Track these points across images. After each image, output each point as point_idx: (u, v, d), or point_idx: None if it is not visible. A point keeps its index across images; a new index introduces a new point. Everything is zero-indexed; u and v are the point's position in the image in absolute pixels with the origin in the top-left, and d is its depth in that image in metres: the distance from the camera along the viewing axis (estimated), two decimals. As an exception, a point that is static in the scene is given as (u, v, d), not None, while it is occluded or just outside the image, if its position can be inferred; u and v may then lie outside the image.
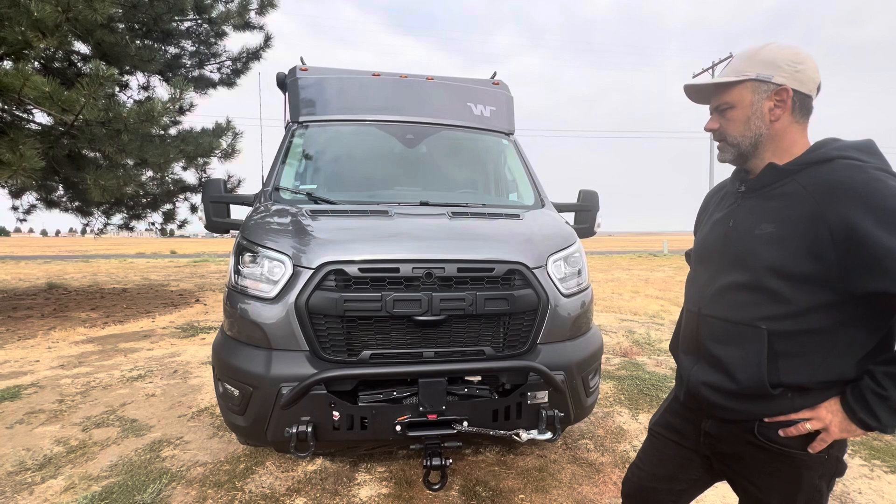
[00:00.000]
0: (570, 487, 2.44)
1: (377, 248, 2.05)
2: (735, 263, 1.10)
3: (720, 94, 1.12)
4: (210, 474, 2.57)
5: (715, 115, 1.15)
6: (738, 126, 1.09)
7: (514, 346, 2.10)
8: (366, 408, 1.92)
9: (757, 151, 1.11)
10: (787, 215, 1.02)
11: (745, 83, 1.07)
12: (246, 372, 1.97)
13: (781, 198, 1.05)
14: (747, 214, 1.10)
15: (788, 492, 1.07)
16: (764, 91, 1.05)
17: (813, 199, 0.98)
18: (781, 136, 1.08)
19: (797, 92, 1.04)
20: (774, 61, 1.04)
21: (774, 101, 1.06)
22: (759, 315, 1.05)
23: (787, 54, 1.05)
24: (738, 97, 1.08)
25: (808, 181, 1.01)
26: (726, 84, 1.09)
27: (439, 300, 1.94)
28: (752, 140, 1.09)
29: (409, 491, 2.39)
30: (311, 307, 1.93)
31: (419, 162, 3.34)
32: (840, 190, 0.95)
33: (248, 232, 2.25)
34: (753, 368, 1.04)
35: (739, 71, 1.08)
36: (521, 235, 2.35)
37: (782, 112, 1.06)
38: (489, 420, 2.00)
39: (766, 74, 1.04)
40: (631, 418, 3.34)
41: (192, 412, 3.44)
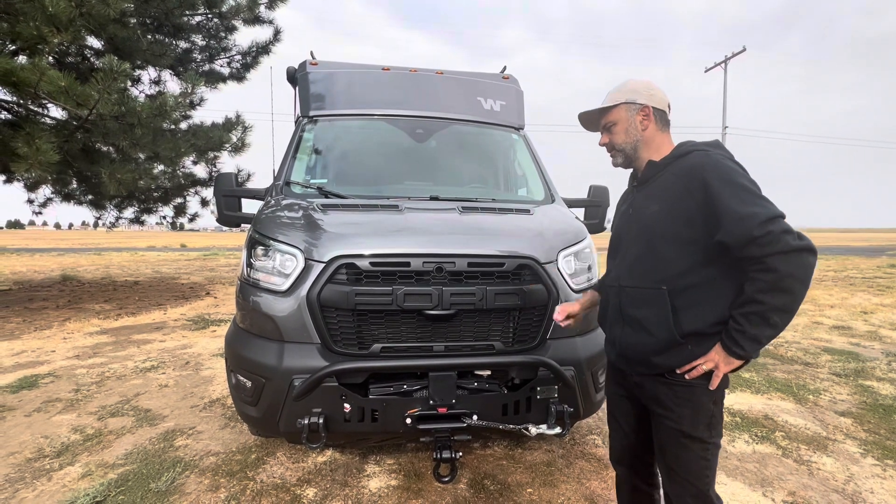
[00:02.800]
0: (578, 482, 2.45)
1: (388, 242, 2.06)
2: (637, 239, 1.47)
3: (605, 116, 1.54)
4: (223, 464, 2.61)
5: (604, 132, 1.57)
6: (621, 136, 1.51)
7: (524, 341, 2.10)
8: (376, 400, 1.94)
9: (637, 153, 1.51)
10: (666, 196, 1.39)
11: (620, 106, 1.50)
12: (258, 363, 1.99)
13: (661, 184, 1.43)
14: (641, 201, 1.49)
15: (693, 416, 1.38)
16: (633, 110, 1.49)
17: (681, 181, 1.36)
18: (651, 140, 1.50)
19: (655, 108, 1.48)
20: (635, 90, 1.49)
21: (642, 115, 1.49)
22: (658, 278, 1.38)
23: (643, 84, 1.50)
24: (616, 116, 1.51)
25: (677, 169, 1.40)
26: (608, 108, 1.52)
27: (450, 294, 1.95)
28: (633, 144, 1.51)
29: (418, 483, 2.42)
30: (323, 300, 1.95)
31: (429, 156, 3.34)
32: (697, 169, 1.33)
33: (261, 225, 2.27)
34: (664, 323, 1.36)
35: (614, 99, 1.52)
36: (531, 230, 2.35)
37: (648, 122, 1.49)
38: (499, 414, 2.00)
39: (632, 98, 1.49)
40: None
41: (204, 403, 3.49)
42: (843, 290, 9.68)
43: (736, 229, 1.22)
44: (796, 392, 3.79)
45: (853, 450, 2.84)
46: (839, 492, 2.40)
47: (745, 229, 1.20)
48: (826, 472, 2.58)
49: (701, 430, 1.37)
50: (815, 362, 4.67)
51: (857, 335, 5.83)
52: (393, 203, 2.47)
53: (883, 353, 5.01)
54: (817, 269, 14.33)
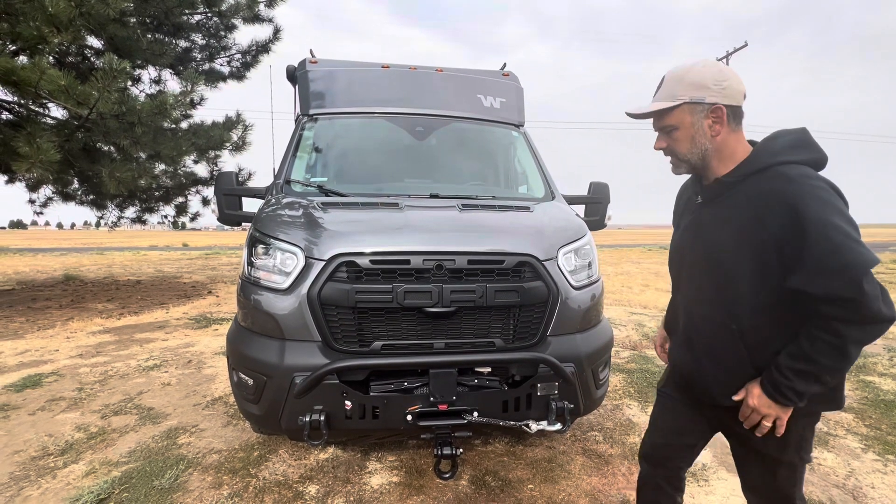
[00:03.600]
0: (579, 478, 2.46)
1: (388, 240, 2.06)
2: (705, 264, 1.27)
3: (662, 117, 1.25)
4: (225, 461, 2.62)
5: (662, 135, 1.28)
6: (685, 144, 1.23)
7: (525, 338, 2.10)
8: (377, 397, 1.95)
9: (706, 163, 1.25)
10: (738, 222, 1.18)
11: (682, 106, 1.20)
12: (260, 361, 2.00)
13: (732, 207, 1.20)
14: (708, 221, 1.27)
15: (781, 440, 1.24)
16: (700, 111, 1.19)
17: (757, 207, 1.14)
18: (723, 146, 1.22)
19: (728, 106, 1.18)
20: (703, 83, 1.18)
21: (712, 118, 1.20)
22: (728, 312, 1.22)
23: (712, 74, 1.18)
24: (678, 119, 1.22)
25: (751, 190, 1.17)
26: (667, 110, 1.22)
27: (450, 292, 1.95)
28: (700, 154, 1.24)
29: (419, 479, 2.43)
30: (324, 298, 1.95)
31: (429, 154, 3.34)
32: (780, 195, 1.10)
33: (261, 224, 2.27)
34: (732, 361, 1.24)
35: (674, 95, 1.21)
36: (531, 228, 2.35)
37: (721, 127, 1.20)
38: (499, 411, 2.01)
39: (699, 97, 1.18)
40: (640, 411, 3.34)
41: (206, 401, 3.51)
42: (845, 286, 9.62)
43: (819, 283, 1.04)
44: (797, 388, 3.78)
45: (854, 445, 2.84)
46: (840, 487, 2.40)
47: (830, 287, 1.03)
48: (827, 468, 2.59)
49: (790, 453, 1.25)
50: (817, 358, 4.65)
51: (859, 331, 5.81)
52: (393, 201, 2.47)
53: (885, 349, 5.00)
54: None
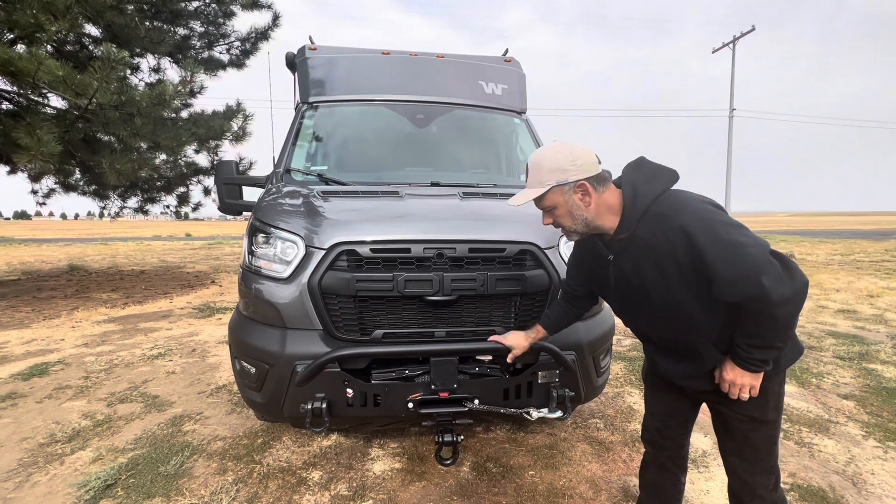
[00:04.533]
0: (579, 465, 2.48)
1: (388, 228, 2.05)
2: (651, 307, 1.39)
3: (539, 201, 1.41)
4: (229, 448, 2.66)
5: (545, 214, 1.46)
6: (567, 219, 1.40)
7: (526, 327, 2.08)
8: (379, 385, 1.95)
9: (592, 227, 1.40)
10: (655, 263, 1.30)
11: (552, 190, 1.36)
12: (262, 350, 2.01)
13: (640, 255, 1.33)
14: (629, 273, 1.38)
15: (762, 401, 1.38)
16: (568, 190, 1.35)
17: (658, 248, 1.28)
18: (600, 208, 1.37)
19: (589, 178, 1.34)
20: (560, 166, 1.34)
21: (579, 193, 1.36)
22: (693, 336, 1.36)
23: (565, 157, 1.34)
24: (553, 201, 1.38)
25: (646, 235, 1.30)
26: (540, 196, 1.39)
27: (450, 280, 1.95)
28: (583, 223, 1.39)
29: (421, 466, 2.45)
30: (324, 287, 1.95)
31: (430, 142, 3.31)
32: (668, 235, 1.25)
33: (261, 213, 2.27)
34: (710, 360, 1.38)
35: (541, 182, 1.37)
36: (532, 216, 2.28)
37: (590, 197, 1.36)
38: (500, 398, 2.02)
39: (562, 179, 1.34)
40: (641, 398, 3.35)
41: (210, 389, 3.55)
42: (850, 274, 9.60)
43: (729, 292, 1.20)
44: (799, 375, 3.79)
45: (855, 432, 2.85)
46: (840, 473, 2.41)
47: (739, 292, 1.19)
48: (827, 454, 2.59)
49: (770, 412, 1.39)
50: (820, 346, 4.65)
51: (863, 319, 5.80)
52: (393, 189, 2.46)
53: (888, 337, 4.98)
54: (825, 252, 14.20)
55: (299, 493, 2.24)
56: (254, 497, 2.21)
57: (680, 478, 1.71)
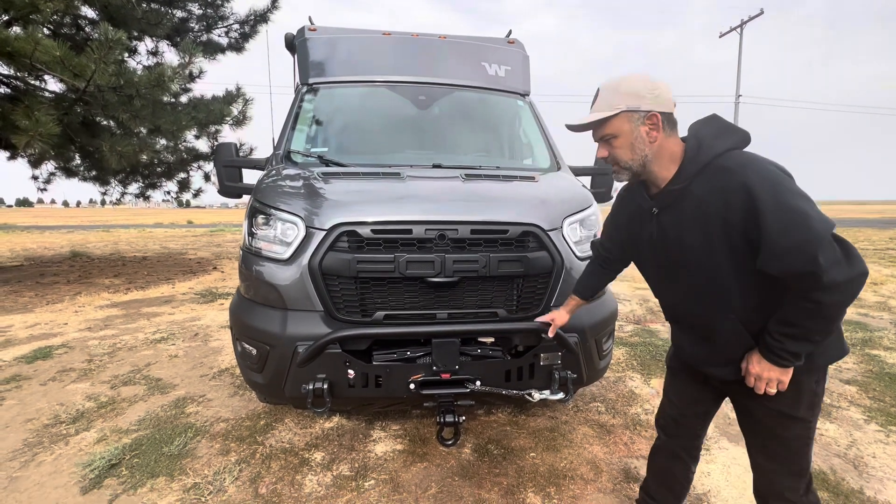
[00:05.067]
0: (580, 447, 2.49)
1: (390, 209, 2.03)
2: (684, 270, 1.32)
3: (601, 127, 1.30)
4: (232, 429, 2.68)
5: (602, 144, 1.33)
6: (626, 152, 1.28)
7: (528, 309, 2.10)
8: (380, 366, 1.96)
9: (647, 168, 1.30)
10: (702, 223, 1.22)
11: (620, 115, 1.25)
12: (263, 331, 2.01)
13: (690, 210, 1.25)
14: (671, 231, 1.31)
15: (795, 397, 1.28)
16: (637, 119, 1.25)
17: (712, 204, 1.19)
18: (662, 151, 1.27)
19: (662, 113, 1.24)
20: (637, 92, 1.23)
21: (648, 125, 1.25)
22: (724, 308, 1.28)
23: (644, 83, 1.24)
24: (617, 128, 1.27)
25: (701, 190, 1.22)
26: (605, 119, 1.28)
27: (452, 262, 1.94)
28: (641, 161, 1.29)
29: (423, 447, 2.47)
30: (325, 268, 1.95)
31: (432, 124, 3.27)
32: (727, 192, 1.16)
33: (261, 194, 2.25)
34: (738, 345, 1.30)
35: (611, 105, 1.26)
36: (535, 197, 2.31)
37: (657, 133, 1.26)
38: (502, 380, 2.02)
39: (634, 105, 1.24)
40: (643, 383, 3.36)
41: (213, 372, 3.57)
42: (854, 262, 9.53)
43: (778, 263, 1.11)
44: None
45: (857, 416, 2.85)
46: (841, 456, 2.42)
47: (789, 265, 1.09)
48: (829, 438, 2.60)
49: (803, 410, 1.29)
50: (822, 332, 4.64)
51: (866, 305, 5.78)
52: (394, 171, 2.43)
53: (891, 323, 4.97)
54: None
55: (301, 474, 2.26)
56: (256, 477, 2.23)
57: (691, 467, 1.66)
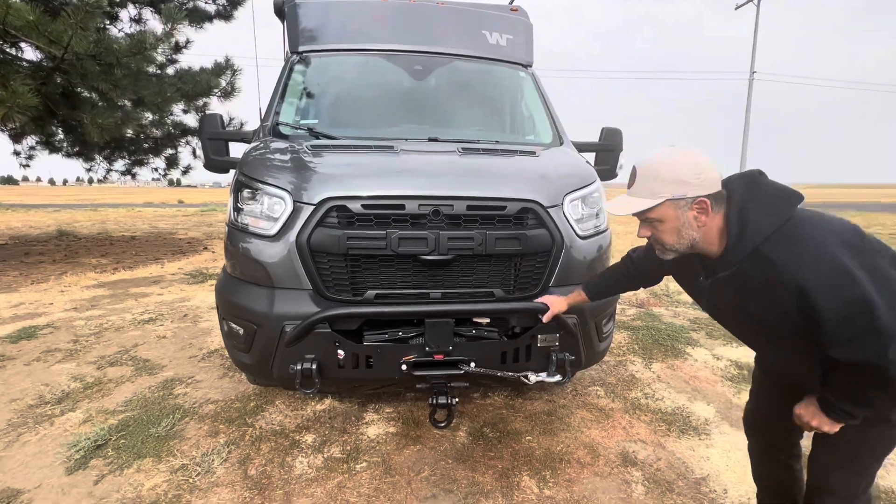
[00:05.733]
0: (578, 431, 2.51)
1: (382, 183, 2.01)
2: (751, 333, 1.35)
3: (644, 211, 1.26)
4: (221, 411, 2.69)
5: (645, 224, 1.31)
6: (671, 236, 1.26)
7: (526, 289, 2.09)
8: (371, 347, 1.96)
9: (695, 248, 1.28)
10: (755, 302, 1.21)
11: (664, 204, 1.22)
12: (249, 310, 2.00)
13: (742, 287, 1.23)
14: (728, 299, 1.30)
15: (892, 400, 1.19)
16: (683, 205, 1.21)
17: (763, 292, 1.17)
18: (711, 231, 1.24)
19: (710, 195, 1.19)
20: (680, 178, 1.19)
21: (696, 210, 1.21)
22: (802, 367, 1.25)
23: (688, 167, 1.19)
24: (661, 214, 1.24)
25: (752, 272, 1.18)
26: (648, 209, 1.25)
27: (447, 239, 1.92)
28: (688, 245, 1.27)
29: (416, 430, 2.49)
30: (313, 245, 1.92)
31: (428, 95, 3.20)
32: (777, 286, 1.13)
33: (247, 167, 2.21)
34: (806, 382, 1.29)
35: (653, 192, 1.23)
36: (535, 173, 2.28)
37: (706, 217, 1.22)
38: (497, 362, 2.02)
39: (680, 193, 1.19)
40: (644, 367, 3.37)
41: (202, 353, 3.58)
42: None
43: (838, 352, 1.08)
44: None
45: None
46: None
47: (852, 356, 1.06)
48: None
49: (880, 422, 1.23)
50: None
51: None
52: (388, 144, 2.39)
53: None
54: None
55: (292, 456, 2.27)
56: (246, 458, 2.25)
57: (794, 466, 1.60)
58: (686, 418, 2.65)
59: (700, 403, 2.82)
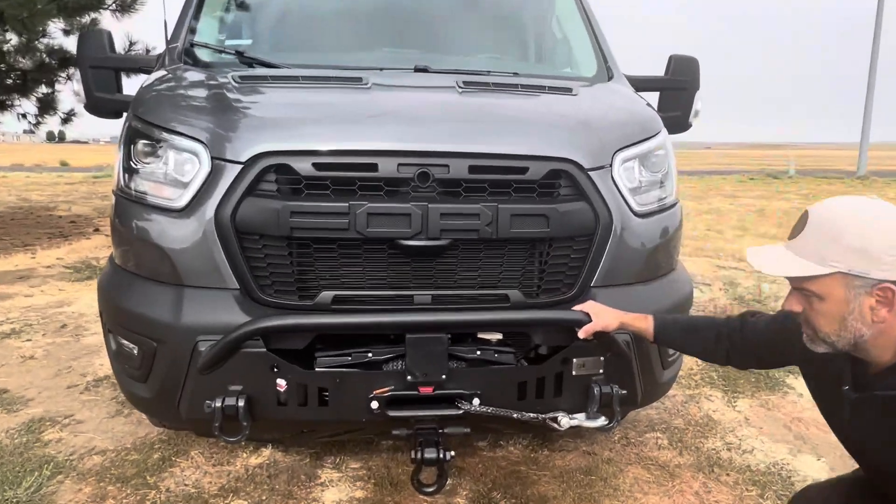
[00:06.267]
0: (631, 498, 2.49)
1: (344, 132, 2.00)
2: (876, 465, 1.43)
3: (803, 280, 1.30)
4: (111, 465, 2.67)
5: (798, 294, 1.35)
6: (830, 322, 1.28)
7: (556, 291, 2.08)
8: (326, 375, 1.92)
9: (856, 348, 1.30)
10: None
11: (834, 276, 1.23)
12: (146, 319, 1.99)
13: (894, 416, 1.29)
14: (870, 429, 1.36)
15: None
16: (860, 287, 1.21)
17: None
18: (886, 331, 1.25)
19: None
20: (868, 252, 1.19)
21: (876, 297, 1.21)
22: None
23: (884, 241, 1.19)
24: (825, 289, 1.26)
25: None
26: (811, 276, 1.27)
27: (439, 216, 1.89)
28: (851, 341, 1.27)
29: (394, 496, 2.46)
30: (241, 223, 1.90)
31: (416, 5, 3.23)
32: None
33: (143, 108, 2.23)
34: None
35: (823, 258, 1.24)
36: (572, 119, 2.32)
37: (887, 312, 1.22)
38: (513, 397, 1.98)
39: (861, 269, 1.20)
40: (726, 404, 3.38)
41: (86, 381, 3.57)
42: None
43: None
44: None
45: None
46: None
47: None
48: None
49: None
50: None
51: None
52: (355, 75, 2.40)
53: None
54: None
55: (212, 532, 2.24)
56: (144, 536, 2.21)
57: None
58: (787, 479, 2.64)
59: (806, 457, 2.81)
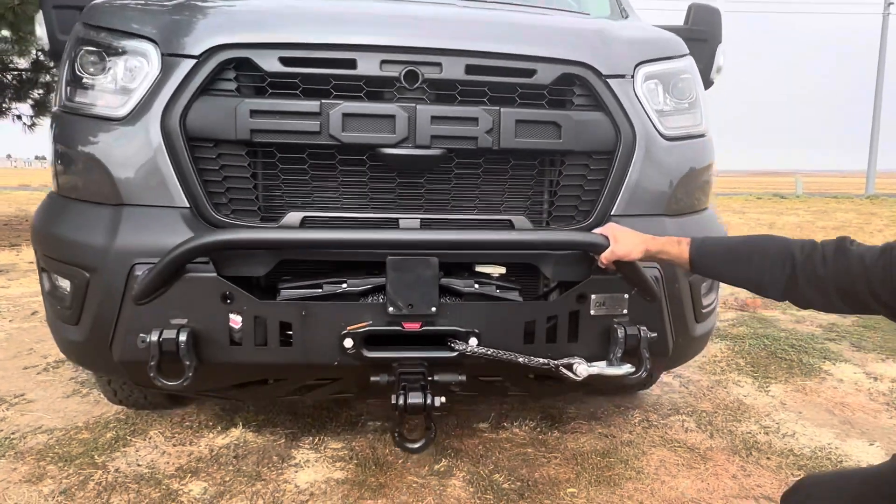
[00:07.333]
0: (656, 480, 2.31)
1: (316, 22, 1.87)
2: None
3: None
4: (56, 444, 2.55)
5: None
6: None
7: (570, 219, 1.96)
8: (290, 307, 1.74)
9: None
10: None
11: None
12: (78, 245, 1.83)
13: None
14: None
15: None
16: None
17: None
18: None
19: None
20: None
21: None
22: None
23: None
24: None
25: None
26: None
27: (430, 118, 1.75)
28: None
29: (379, 476, 2.27)
30: (192, 126, 1.74)
31: None
32: None
33: (89, 13, 2.07)
34: None
35: None
36: (587, 28, 2.23)
37: None
38: (518, 339, 1.80)
39: None
40: (757, 390, 3.25)
41: (46, 363, 3.52)
42: None
43: None
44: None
45: None
46: None
47: None
48: None
49: None
50: None
51: None
52: None
53: None
54: None
55: (159, 516, 2.08)
56: (74, 521, 2.05)
57: None
58: (838, 464, 2.48)
59: (857, 441, 2.67)
